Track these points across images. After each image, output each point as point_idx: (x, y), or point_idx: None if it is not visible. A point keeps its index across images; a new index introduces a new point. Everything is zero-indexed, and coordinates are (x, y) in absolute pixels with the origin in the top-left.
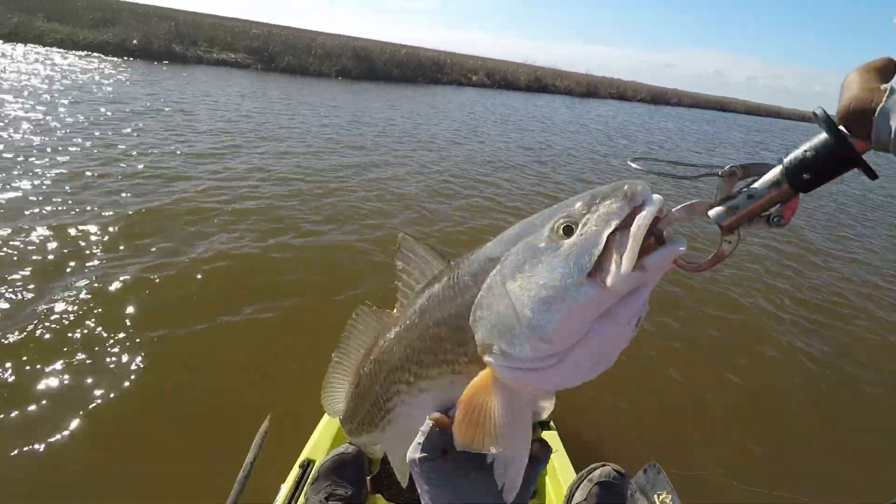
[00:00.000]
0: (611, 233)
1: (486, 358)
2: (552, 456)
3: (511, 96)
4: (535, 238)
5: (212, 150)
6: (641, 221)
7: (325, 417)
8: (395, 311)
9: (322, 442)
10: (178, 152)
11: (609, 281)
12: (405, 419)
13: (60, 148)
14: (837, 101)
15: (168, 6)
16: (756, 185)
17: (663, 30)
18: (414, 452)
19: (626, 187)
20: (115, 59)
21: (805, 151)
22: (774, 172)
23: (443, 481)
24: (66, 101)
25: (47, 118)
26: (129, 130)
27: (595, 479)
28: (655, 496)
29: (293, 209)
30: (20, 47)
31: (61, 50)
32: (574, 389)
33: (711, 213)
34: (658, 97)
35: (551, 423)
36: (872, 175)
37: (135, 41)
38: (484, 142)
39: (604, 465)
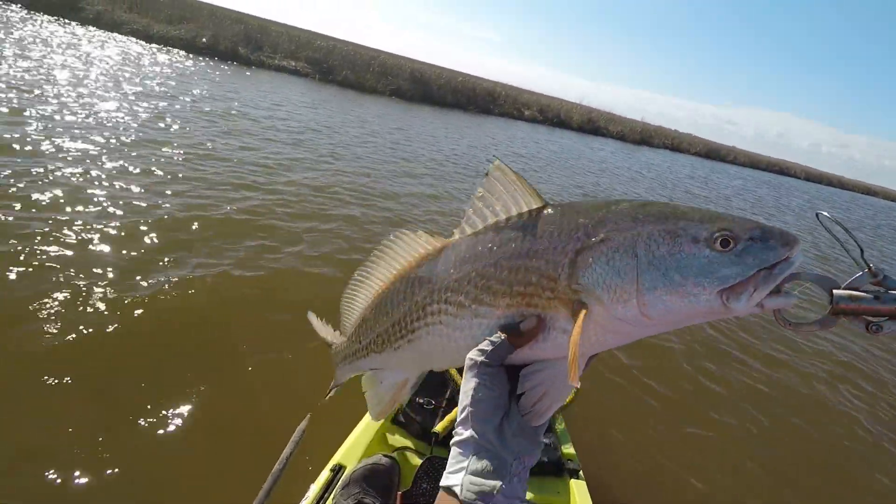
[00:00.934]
0: None
1: (584, 299)
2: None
3: (562, 134)
4: (689, 228)
5: (280, 160)
6: (784, 274)
7: (361, 424)
8: (454, 238)
9: (355, 448)
10: (259, 160)
11: (734, 306)
12: (431, 339)
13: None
14: None
15: (241, 10)
16: (888, 293)
17: (727, 85)
18: (478, 356)
19: (793, 243)
20: (184, 53)
21: None
22: None
23: (491, 383)
24: (138, 90)
25: (135, 109)
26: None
27: None
28: None
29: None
30: (98, 32)
31: (135, 39)
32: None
33: (836, 292)
34: (713, 152)
35: (581, 473)
36: None
37: (204, 39)
38: (543, 180)
39: None
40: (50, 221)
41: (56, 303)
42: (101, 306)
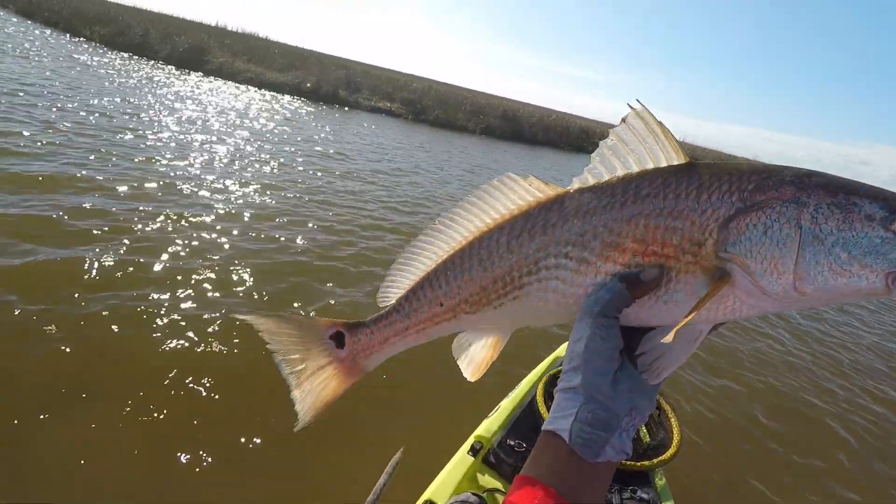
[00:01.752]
0: None
1: (730, 269)
2: None
3: None
4: (863, 205)
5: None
6: None
7: (453, 461)
8: (572, 187)
9: (446, 485)
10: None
11: None
12: (544, 295)
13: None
14: None
15: (344, 56)
16: None
17: (856, 120)
18: (595, 305)
19: None
20: (289, 97)
21: None
22: None
23: (606, 335)
24: (256, 132)
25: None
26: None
27: None
28: None
29: None
30: (219, 82)
31: (250, 86)
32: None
33: None
34: None
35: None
36: None
37: (308, 84)
38: None
39: None
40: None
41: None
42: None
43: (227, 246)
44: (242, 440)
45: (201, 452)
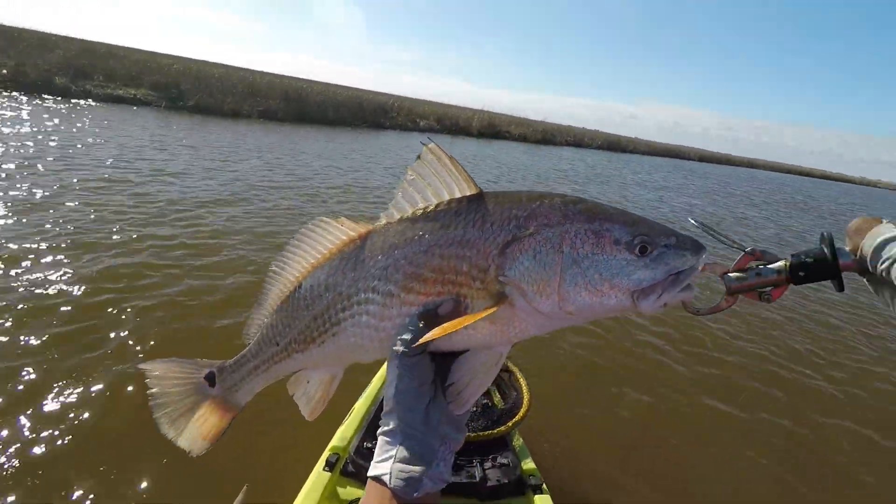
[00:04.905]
0: None
1: (508, 292)
2: None
3: (463, 142)
4: (613, 230)
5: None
6: (689, 278)
7: (309, 480)
8: (379, 223)
9: None
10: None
11: (642, 305)
12: (358, 330)
13: None
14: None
15: (81, 36)
16: (765, 267)
17: (628, 83)
18: (399, 346)
19: (703, 255)
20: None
21: (807, 257)
22: (780, 264)
23: (413, 372)
24: None
25: None
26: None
27: None
28: None
29: None
30: None
31: None
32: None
33: (727, 275)
34: (614, 144)
35: (544, 486)
36: (841, 288)
37: (4, 70)
38: None
39: None
40: None
41: None
42: None
43: None
44: None
45: None
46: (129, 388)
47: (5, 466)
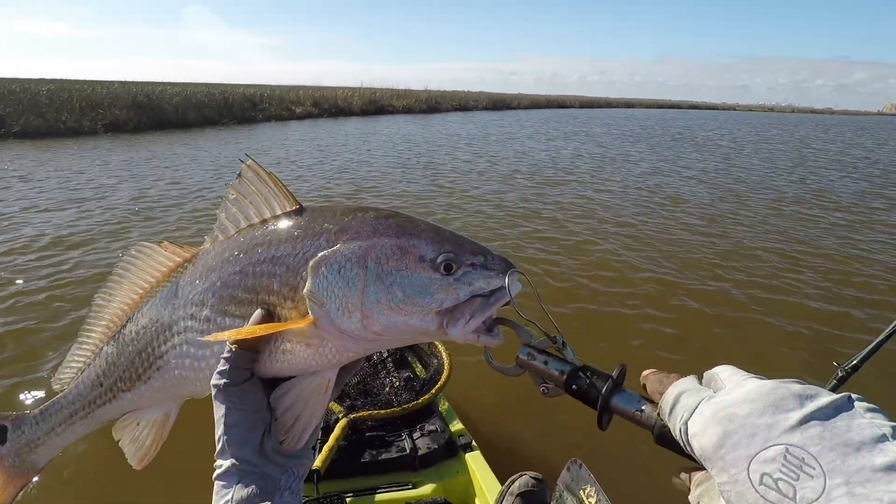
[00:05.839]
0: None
1: (312, 309)
2: (478, 475)
3: (345, 122)
4: (419, 246)
5: None
6: (498, 303)
7: None
8: (204, 246)
9: None
10: None
11: (451, 330)
12: (181, 362)
13: None
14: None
15: None
16: (553, 361)
17: (501, 40)
18: (219, 379)
19: (511, 277)
20: None
21: (587, 378)
22: (565, 367)
23: (241, 403)
24: None
25: None
26: None
27: (515, 492)
28: (581, 491)
29: None
30: None
31: None
32: (496, 404)
33: (522, 348)
34: (498, 103)
35: (473, 444)
36: (601, 427)
37: None
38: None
39: (521, 476)
40: None
41: None
42: None
43: None
44: None
45: None
46: None
47: None
